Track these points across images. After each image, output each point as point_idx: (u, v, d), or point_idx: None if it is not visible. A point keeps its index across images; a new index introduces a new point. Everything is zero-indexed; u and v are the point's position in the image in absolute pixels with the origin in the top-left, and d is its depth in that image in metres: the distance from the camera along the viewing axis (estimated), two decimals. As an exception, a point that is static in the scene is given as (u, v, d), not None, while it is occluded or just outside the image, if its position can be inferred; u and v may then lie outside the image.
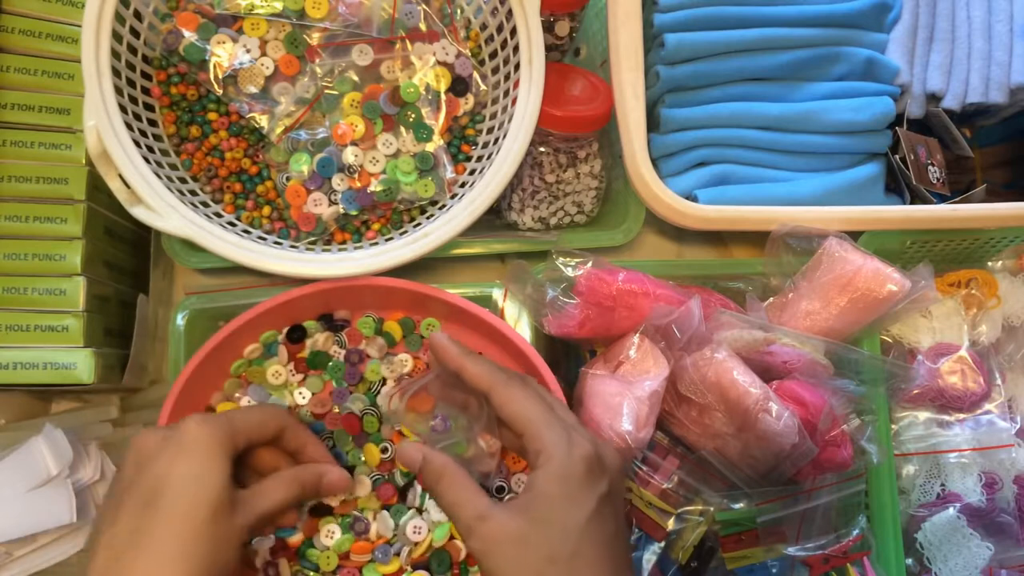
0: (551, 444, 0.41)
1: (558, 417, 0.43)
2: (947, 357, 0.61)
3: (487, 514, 0.40)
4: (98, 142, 0.49)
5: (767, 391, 0.51)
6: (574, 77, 0.59)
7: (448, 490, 0.42)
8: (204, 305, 0.55)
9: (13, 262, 0.52)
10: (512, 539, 0.39)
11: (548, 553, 0.39)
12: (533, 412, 0.42)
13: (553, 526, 0.39)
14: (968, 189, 0.66)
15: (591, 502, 0.40)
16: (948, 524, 0.57)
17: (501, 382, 0.44)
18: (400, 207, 0.57)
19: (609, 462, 0.43)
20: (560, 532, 0.39)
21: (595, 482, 0.41)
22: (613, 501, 0.42)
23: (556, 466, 0.40)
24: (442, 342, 0.47)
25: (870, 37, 0.63)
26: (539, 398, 0.44)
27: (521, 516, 0.40)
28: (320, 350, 0.55)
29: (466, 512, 0.41)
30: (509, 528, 0.39)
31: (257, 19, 0.53)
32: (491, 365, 0.46)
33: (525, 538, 0.39)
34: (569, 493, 0.40)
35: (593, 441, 0.42)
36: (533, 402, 0.43)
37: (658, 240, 0.66)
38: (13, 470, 0.49)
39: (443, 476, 0.43)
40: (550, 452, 0.41)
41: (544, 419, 0.42)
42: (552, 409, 0.44)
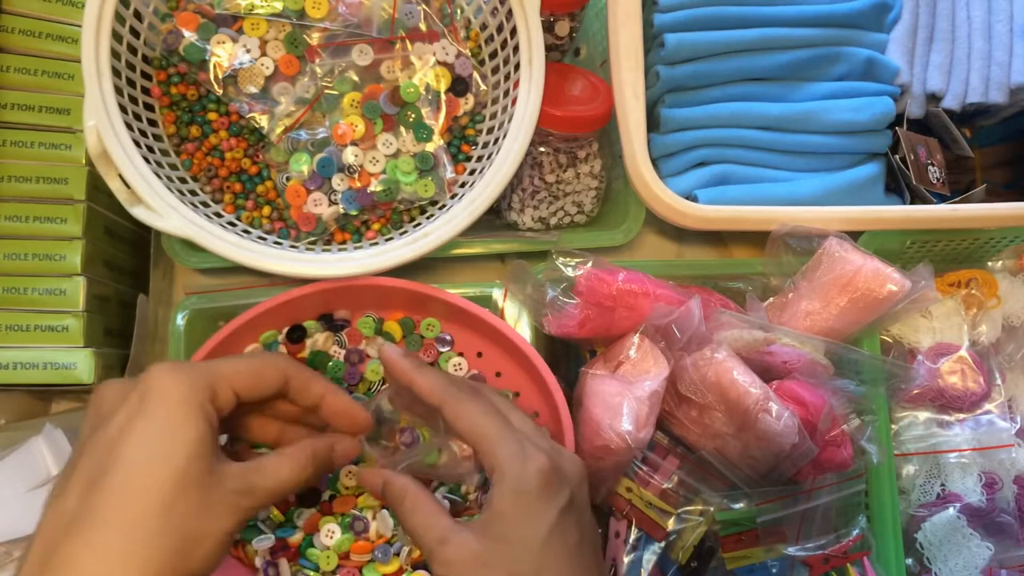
0: (504, 460, 0.40)
1: (512, 430, 0.42)
2: (947, 357, 0.61)
3: (447, 537, 0.39)
4: (98, 142, 0.49)
5: (767, 391, 0.51)
6: (574, 77, 0.59)
7: (411, 513, 0.41)
8: (204, 305, 0.55)
9: (13, 262, 0.52)
10: (472, 561, 0.38)
11: (511, 572, 0.38)
12: (484, 427, 0.41)
13: (513, 544, 0.38)
14: (968, 189, 0.66)
15: (550, 515, 0.39)
16: (948, 524, 0.57)
17: (452, 396, 0.43)
18: (400, 207, 0.57)
19: (568, 471, 0.41)
20: (521, 550, 0.38)
21: (553, 495, 0.40)
22: (575, 511, 0.41)
23: (510, 482, 0.39)
24: (391, 356, 0.45)
25: (870, 37, 0.63)
26: (492, 411, 0.42)
27: (481, 536, 0.39)
28: (320, 350, 0.55)
29: (427, 536, 0.40)
30: (469, 550, 0.38)
31: (257, 19, 0.54)
32: (442, 378, 0.44)
33: (485, 559, 0.38)
34: (526, 509, 0.39)
35: (550, 452, 0.41)
36: (484, 416, 0.42)
37: (658, 240, 0.66)
38: (13, 470, 0.49)
39: (404, 498, 0.42)
40: (503, 468, 0.40)
41: (497, 434, 0.41)
42: (506, 422, 0.42)
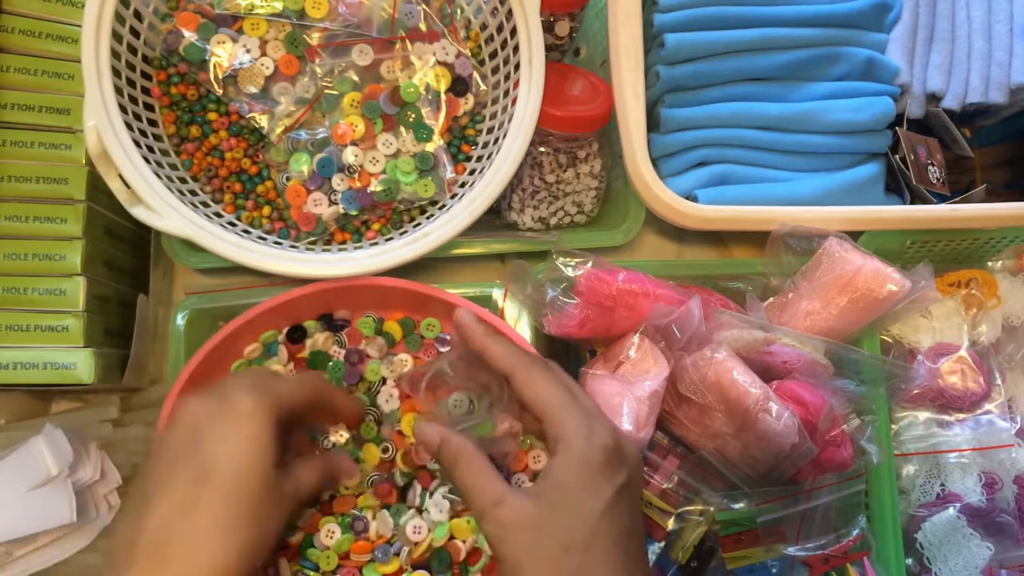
0: (571, 431, 0.40)
1: (579, 404, 0.42)
2: (947, 357, 0.61)
3: (502, 499, 0.40)
4: (98, 142, 0.49)
5: (767, 391, 0.51)
6: (574, 77, 0.59)
7: (465, 473, 0.42)
8: (204, 305, 0.55)
9: (13, 262, 0.52)
10: (526, 525, 0.39)
11: (562, 540, 0.38)
12: (554, 397, 0.42)
13: (569, 514, 0.39)
14: (968, 189, 0.66)
15: (608, 492, 0.39)
16: (948, 524, 0.57)
17: (523, 364, 0.44)
18: (400, 207, 0.57)
19: (629, 454, 0.42)
20: (575, 520, 0.39)
21: (613, 472, 0.40)
22: (630, 494, 0.41)
23: (575, 453, 0.40)
24: (466, 321, 0.47)
25: (870, 37, 0.63)
26: (561, 383, 0.43)
27: (537, 502, 0.39)
28: (320, 350, 0.55)
29: (482, 496, 0.40)
30: (524, 514, 0.39)
31: (257, 19, 0.53)
32: (514, 347, 0.45)
33: (539, 524, 0.39)
34: (586, 481, 0.39)
35: (613, 431, 0.42)
36: (554, 387, 0.42)
37: (658, 240, 0.66)
38: (13, 470, 0.49)
39: (460, 459, 0.42)
40: (569, 439, 0.40)
41: (565, 405, 0.42)
42: (574, 395, 0.43)
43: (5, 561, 0.49)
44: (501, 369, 0.44)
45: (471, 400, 0.49)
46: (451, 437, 0.43)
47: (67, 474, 0.50)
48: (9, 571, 0.49)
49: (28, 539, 0.49)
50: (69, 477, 0.50)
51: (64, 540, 0.51)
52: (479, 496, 0.40)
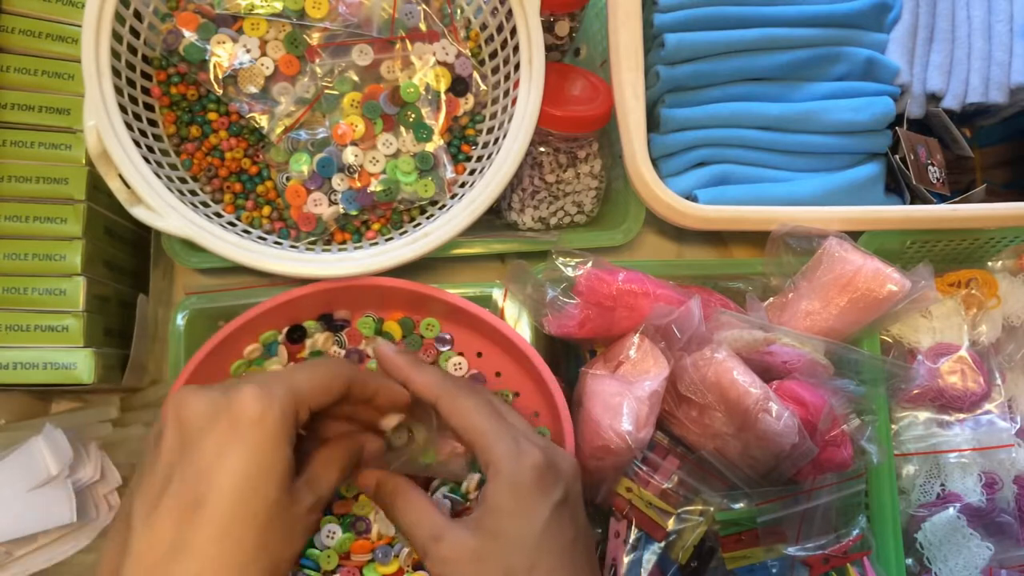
0: (498, 456, 0.40)
1: (507, 426, 0.42)
2: (947, 357, 0.61)
3: (441, 534, 0.39)
4: (98, 142, 0.49)
5: (767, 391, 0.51)
6: (574, 77, 0.59)
7: (404, 512, 0.41)
8: (204, 305, 0.55)
9: (13, 262, 0.52)
10: (467, 557, 0.38)
11: (504, 567, 0.38)
12: (480, 423, 0.41)
13: (507, 539, 0.38)
14: (968, 189, 0.66)
15: (544, 511, 0.39)
16: (948, 524, 0.57)
17: (448, 392, 0.43)
18: (400, 207, 0.57)
19: (563, 468, 0.42)
20: (515, 545, 0.38)
21: (547, 490, 0.40)
22: (570, 507, 0.41)
23: (505, 478, 0.39)
24: (386, 352, 0.45)
25: (870, 37, 0.63)
26: (487, 407, 0.43)
27: (475, 532, 0.39)
28: (320, 350, 0.55)
29: (421, 533, 0.40)
30: (465, 547, 0.38)
31: (257, 19, 0.53)
32: (438, 375, 0.44)
33: (480, 555, 0.38)
34: (520, 504, 0.39)
35: (545, 448, 0.42)
36: (480, 413, 0.42)
37: (658, 240, 0.66)
38: (13, 470, 0.49)
39: (396, 497, 0.42)
40: (498, 464, 0.40)
41: (492, 430, 0.41)
42: (500, 418, 0.42)
43: (5, 561, 0.49)
44: (426, 398, 0.43)
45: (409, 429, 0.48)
46: (385, 478, 0.43)
47: (67, 474, 0.50)
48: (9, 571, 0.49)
49: (28, 539, 0.49)
50: (69, 477, 0.50)
51: (64, 540, 0.51)
52: (418, 533, 0.40)
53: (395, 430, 0.46)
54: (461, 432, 0.42)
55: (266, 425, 0.34)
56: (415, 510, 0.41)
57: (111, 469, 0.53)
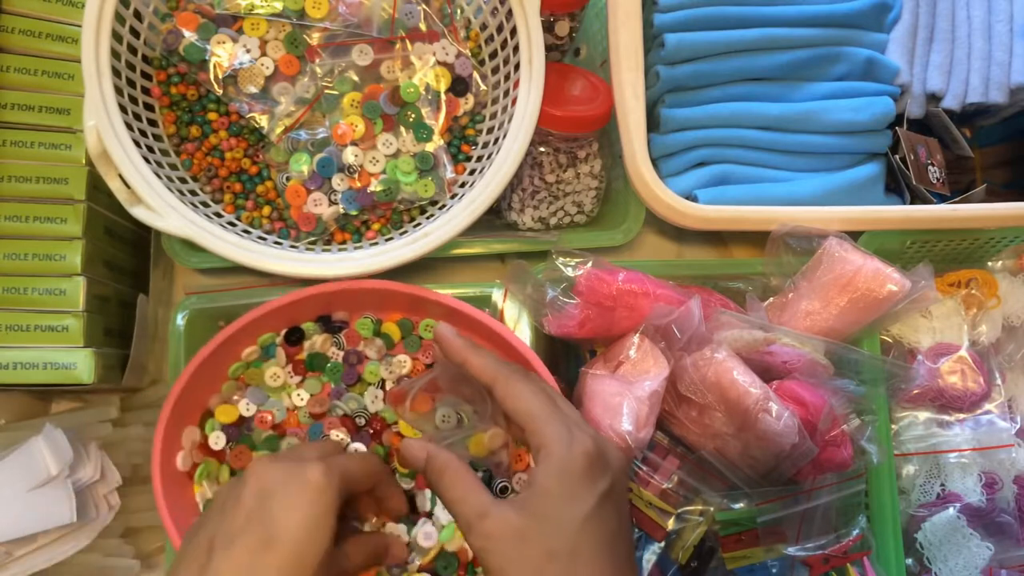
0: (551, 440, 0.41)
1: (561, 412, 0.43)
2: (947, 357, 0.61)
3: (487, 511, 0.40)
4: (98, 142, 0.49)
5: (767, 391, 0.51)
6: (574, 77, 0.59)
7: (450, 487, 0.42)
8: (204, 305, 0.55)
9: (13, 262, 0.52)
10: (511, 536, 0.39)
11: (547, 549, 0.38)
12: (535, 407, 0.42)
13: (552, 522, 0.39)
14: (968, 189, 0.66)
15: (591, 499, 0.40)
16: (948, 524, 0.57)
17: (504, 376, 0.44)
18: (400, 207, 0.57)
19: (612, 460, 0.42)
20: (559, 528, 0.39)
21: (595, 479, 0.40)
22: (615, 499, 0.41)
23: (556, 462, 0.40)
24: (446, 335, 0.47)
25: (870, 37, 0.63)
26: (542, 392, 0.44)
27: (520, 512, 0.39)
28: (318, 352, 0.55)
29: (467, 509, 0.40)
30: (508, 524, 0.39)
31: (257, 19, 0.53)
32: (495, 358, 0.45)
33: (524, 534, 0.39)
34: (568, 489, 0.40)
35: (596, 438, 0.42)
36: (535, 397, 0.43)
37: (658, 240, 0.66)
38: (13, 470, 0.49)
39: (445, 473, 0.42)
40: (550, 448, 0.40)
41: (546, 414, 0.42)
42: (555, 404, 0.43)
43: (5, 561, 0.49)
44: (482, 380, 0.45)
45: (458, 413, 0.49)
46: (436, 452, 0.43)
47: (67, 474, 0.50)
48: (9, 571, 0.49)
49: (28, 539, 0.49)
50: (69, 477, 0.50)
51: (64, 540, 0.51)
52: (464, 509, 0.41)
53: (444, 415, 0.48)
54: (514, 415, 0.43)
55: (328, 492, 0.41)
56: (462, 486, 0.42)
57: (111, 469, 0.53)
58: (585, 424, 0.44)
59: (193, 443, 0.53)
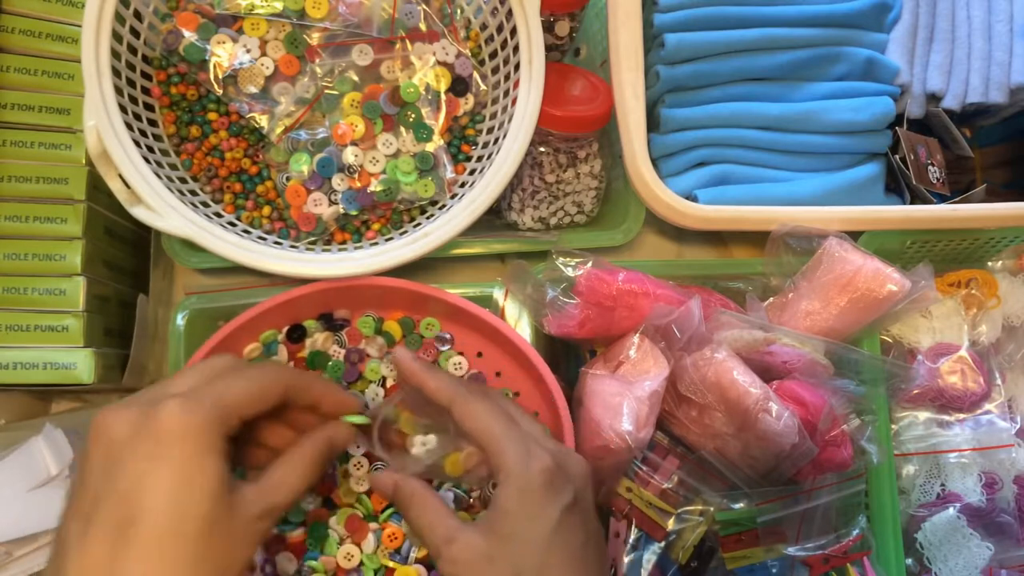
0: (509, 459, 0.41)
1: (518, 430, 0.42)
2: (947, 357, 0.61)
3: (453, 536, 0.40)
4: (98, 142, 0.49)
5: (767, 391, 0.51)
6: (574, 77, 0.59)
7: (419, 515, 0.42)
8: (204, 305, 0.55)
9: (13, 262, 0.52)
10: (478, 559, 0.39)
11: (515, 569, 0.38)
12: (492, 427, 0.42)
13: (517, 541, 0.39)
14: (968, 189, 0.66)
15: (554, 514, 0.40)
16: (948, 524, 0.57)
17: (460, 396, 0.43)
18: (400, 207, 0.57)
19: (573, 471, 0.42)
20: (525, 547, 0.39)
21: (557, 493, 0.40)
22: (580, 511, 0.41)
23: (514, 481, 0.40)
24: (403, 358, 0.46)
25: (870, 37, 0.63)
26: (499, 411, 0.43)
27: (487, 535, 0.39)
28: (320, 350, 0.55)
29: (435, 535, 0.41)
30: (475, 548, 0.39)
31: (257, 19, 0.53)
32: (451, 379, 0.45)
33: (491, 556, 0.39)
34: (529, 507, 0.40)
35: (555, 452, 0.42)
36: (492, 416, 0.42)
37: (658, 240, 0.66)
38: (13, 470, 0.49)
39: (412, 501, 0.42)
40: (508, 467, 0.40)
41: (502, 433, 0.42)
42: (512, 422, 0.43)
43: (5, 561, 0.49)
44: (440, 402, 0.44)
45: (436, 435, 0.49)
46: (403, 481, 0.43)
47: (67, 474, 0.50)
48: (9, 571, 0.49)
49: (28, 539, 0.49)
50: (69, 477, 0.50)
51: (64, 540, 0.51)
52: (432, 536, 0.41)
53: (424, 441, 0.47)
54: (473, 435, 0.43)
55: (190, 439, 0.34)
56: (429, 513, 0.42)
57: (111, 469, 0.53)
58: (545, 438, 0.43)
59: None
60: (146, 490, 0.33)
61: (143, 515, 0.32)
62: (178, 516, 0.33)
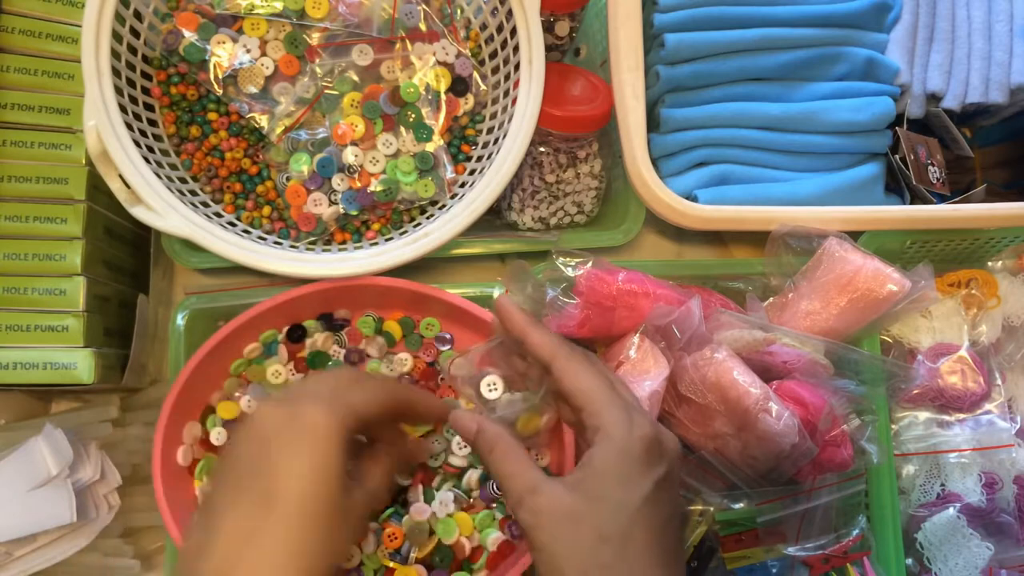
0: (611, 422, 0.40)
1: (620, 396, 0.42)
2: (947, 357, 0.61)
3: (539, 487, 0.39)
4: (98, 142, 0.49)
5: (767, 391, 0.51)
6: (574, 77, 0.59)
7: (501, 461, 0.41)
8: (204, 305, 0.55)
9: (13, 262, 0.52)
10: (564, 514, 0.38)
11: (600, 532, 0.38)
12: (594, 388, 0.42)
13: (607, 504, 0.38)
14: (968, 189, 0.66)
15: (647, 484, 0.39)
16: (948, 524, 0.57)
17: (563, 354, 0.43)
18: (400, 207, 0.57)
19: (669, 447, 0.42)
20: (614, 511, 0.38)
21: (653, 465, 0.40)
22: (670, 487, 0.41)
23: (616, 444, 0.40)
24: (507, 307, 0.46)
25: (870, 37, 0.63)
26: (601, 375, 0.43)
27: (575, 492, 0.39)
28: (320, 350, 0.55)
29: (518, 483, 0.40)
30: (561, 503, 0.39)
31: (257, 19, 0.54)
32: (554, 336, 0.45)
33: (577, 514, 0.38)
34: (626, 472, 0.39)
35: (654, 424, 0.42)
36: (595, 378, 0.42)
37: (658, 240, 0.66)
38: (13, 470, 0.49)
39: (496, 446, 0.42)
40: (609, 430, 0.40)
41: (605, 396, 0.41)
42: (614, 387, 0.43)
43: (5, 561, 0.49)
44: (541, 357, 0.44)
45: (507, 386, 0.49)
46: (487, 425, 0.43)
47: (67, 474, 0.50)
48: (9, 571, 0.49)
49: (28, 539, 0.49)
50: (69, 477, 0.50)
51: (64, 540, 0.51)
52: (515, 483, 0.40)
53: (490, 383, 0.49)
54: (572, 394, 0.42)
55: (330, 436, 0.39)
56: (513, 461, 0.41)
57: (111, 469, 0.53)
58: (643, 409, 0.43)
59: (194, 438, 0.53)
60: (288, 472, 0.38)
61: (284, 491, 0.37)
62: (311, 495, 0.37)
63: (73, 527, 0.50)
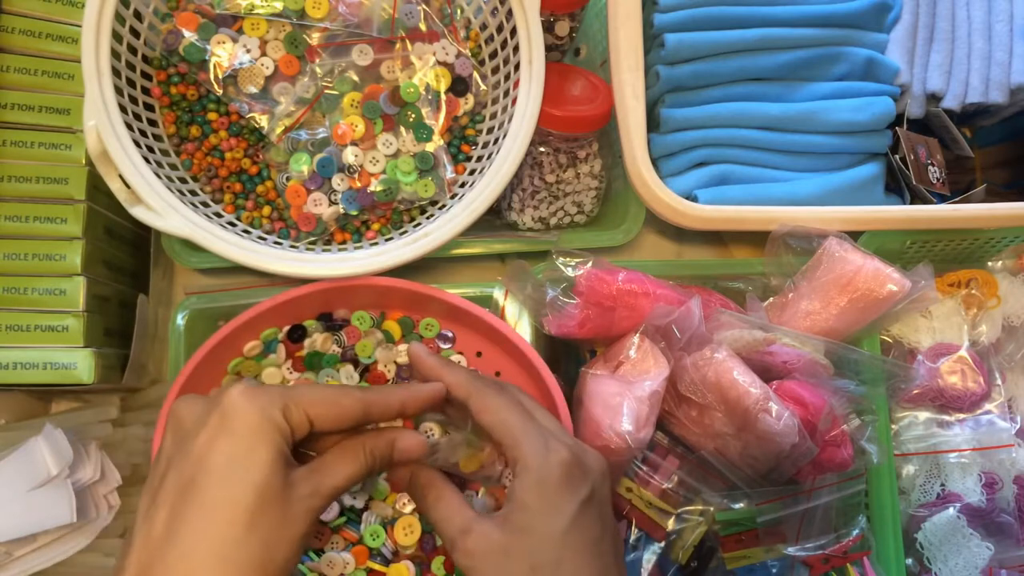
0: (527, 452, 0.41)
1: (536, 424, 0.43)
2: (947, 357, 0.61)
3: (470, 528, 0.40)
4: (98, 142, 0.49)
5: (767, 391, 0.51)
6: (574, 77, 0.59)
7: (434, 505, 0.42)
8: (204, 305, 0.55)
9: (13, 262, 0.52)
10: (494, 551, 0.39)
11: (531, 562, 0.38)
12: (509, 420, 0.42)
13: (534, 534, 0.39)
14: (968, 189, 0.66)
15: (571, 507, 0.40)
16: (948, 524, 0.57)
17: (477, 390, 0.44)
18: (400, 207, 0.57)
19: (591, 466, 0.42)
20: (541, 541, 0.39)
21: (575, 488, 0.40)
22: (597, 505, 0.41)
23: (533, 474, 0.40)
24: (418, 353, 0.47)
25: (870, 37, 0.63)
26: (517, 405, 0.43)
27: (503, 527, 0.39)
28: (319, 350, 0.55)
29: (450, 527, 0.41)
30: (492, 541, 0.39)
31: (257, 19, 0.53)
32: (468, 373, 0.45)
33: (507, 549, 0.39)
34: (547, 501, 0.40)
35: (572, 446, 0.42)
36: (510, 410, 0.43)
37: (658, 240, 0.66)
38: (13, 470, 0.49)
39: (429, 490, 0.43)
40: (526, 461, 0.40)
41: (520, 427, 0.42)
42: (530, 416, 0.43)
43: (5, 561, 0.49)
44: (458, 397, 0.44)
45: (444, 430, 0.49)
46: (419, 470, 0.43)
47: (67, 474, 0.50)
48: (9, 571, 0.49)
49: (28, 539, 0.49)
50: (69, 477, 0.50)
51: (64, 540, 0.51)
52: (447, 527, 0.41)
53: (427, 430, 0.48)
54: (490, 429, 0.43)
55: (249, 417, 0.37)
56: (446, 504, 0.42)
57: (111, 469, 0.53)
58: (563, 433, 0.44)
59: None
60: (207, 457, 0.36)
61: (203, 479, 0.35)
62: (234, 481, 0.35)
63: (73, 527, 0.50)
